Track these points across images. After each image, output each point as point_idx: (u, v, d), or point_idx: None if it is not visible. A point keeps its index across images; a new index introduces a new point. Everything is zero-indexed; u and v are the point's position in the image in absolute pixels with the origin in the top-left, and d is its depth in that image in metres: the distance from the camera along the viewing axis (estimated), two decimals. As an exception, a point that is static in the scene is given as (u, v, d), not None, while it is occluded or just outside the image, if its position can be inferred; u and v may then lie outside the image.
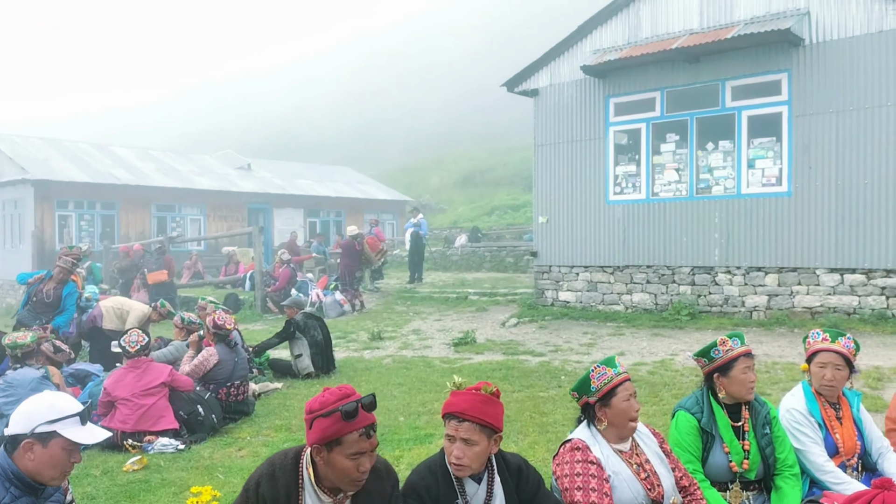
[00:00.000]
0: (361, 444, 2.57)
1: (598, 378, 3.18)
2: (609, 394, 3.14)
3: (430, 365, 9.31)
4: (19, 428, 2.53)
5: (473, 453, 2.81)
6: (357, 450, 2.57)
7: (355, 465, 2.57)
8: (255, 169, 31.50)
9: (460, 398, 2.89)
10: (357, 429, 2.56)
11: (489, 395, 2.89)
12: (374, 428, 2.64)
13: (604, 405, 3.16)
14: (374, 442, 2.62)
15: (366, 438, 2.59)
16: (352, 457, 2.56)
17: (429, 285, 18.10)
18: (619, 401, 3.13)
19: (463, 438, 2.81)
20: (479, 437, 2.81)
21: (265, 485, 2.70)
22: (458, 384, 2.97)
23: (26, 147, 25.71)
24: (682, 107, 11.93)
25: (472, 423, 2.81)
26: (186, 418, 6.48)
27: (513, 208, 33.82)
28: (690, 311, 11.55)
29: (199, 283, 18.91)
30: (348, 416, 2.54)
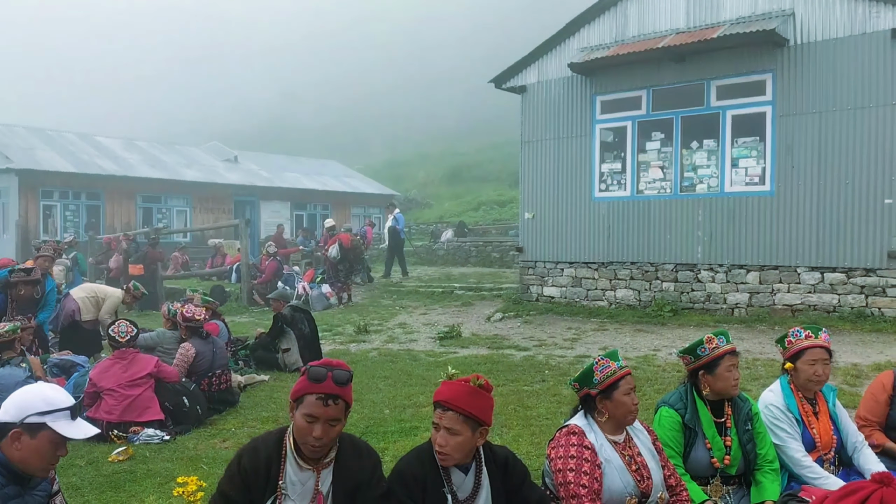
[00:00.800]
0: (316, 408, 2.72)
1: (602, 371, 3.24)
2: (611, 387, 3.21)
3: (415, 358, 9.37)
4: (9, 417, 2.55)
5: (456, 443, 2.85)
6: (311, 412, 2.72)
7: (309, 428, 2.72)
8: (241, 161, 31.41)
9: (448, 387, 2.94)
10: (317, 392, 2.72)
11: (477, 388, 2.93)
12: (336, 400, 2.74)
13: (605, 397, 3.22)
14: (328, 412, 2.72)
15: (322, 405, 2.72)
16: (306, 417, 2.73)
17: (415, 279, 18.16)
18: (621, 394, 3.20)
19: (446, 427, 2.86)
20: (463, 428, 2.85)
21: (247, 457, 2.84)
22: (451, 375, 3.02)
23: (10, 136, 25.49)
24: (667, 105, 12.03)
25: (456, 413, 2.85)
26: (172, 409, 6.50)
27: (499, 204, 33.92)
28: (673, 307, 11.68)
29: (185, 275, 18.85)
30: (313, 378, 2.75)
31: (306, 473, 2.84)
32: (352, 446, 2.97)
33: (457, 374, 3.02)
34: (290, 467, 2.84)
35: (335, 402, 2.75)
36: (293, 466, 2.84)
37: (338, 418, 2.78)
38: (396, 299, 15.43)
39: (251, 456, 2.84)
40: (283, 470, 2.83)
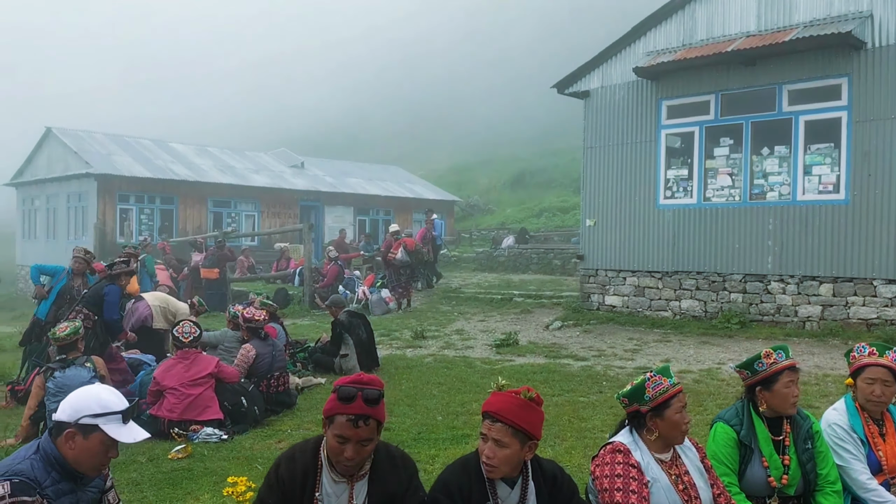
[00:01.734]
0: (346, 429, 2.68)
1: (654, 388, 3.11)
2: (663, 404, 3.08)
3: (470, 365, 9.32)
4: (65, 416, 2.63)
5: (504, 455, 2.78)
6: (341, 433, 2.68)
7: (340, 449, 2.69)
8: (308, 167, 31.98)
9: (499, 398, 2.87)
10: (346, 413, 2.68)
11: (528, 401, 2.85)
12: (367, 420, 2.69)
13: (656, 415, 3.09)
14: (359, 433, 2.68)
15: (352, 426, 2.67)
16: (337, 438, 2.69)
17: (474, 286, 18.11)
18: (672, 412, 3.07)
19: (494, 439, 2.79)
20: (511, 441, 2.78)
21: (284, 466, 2.84)
22: (501, 385, 2.96)
23: (90, 142, 26.61)
24: (737, 110, 11.69)
25: (505, 425, 2.78)
26: (230, 409, 6.64)
27: (562, 210, 33.55)
28: (741, 319, 11.30)
29: (251, 278, 19.30)
30: (342, 398, 2.70)
31: (341, 486, 2.83)
32: (387, 457, 2.93)
33: (507, 384, 2.95)
34: (325, 479, 2.83)
35: (366, 422, 2.70)
36: (328, 479, 2.83)
37: (369, 438, 2.74)
38: (455, 305, 15.42)
39: (288, 465, 2.84)
40: (320, 481, 2.82)
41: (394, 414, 6.95)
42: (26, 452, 2.63)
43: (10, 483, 2.48)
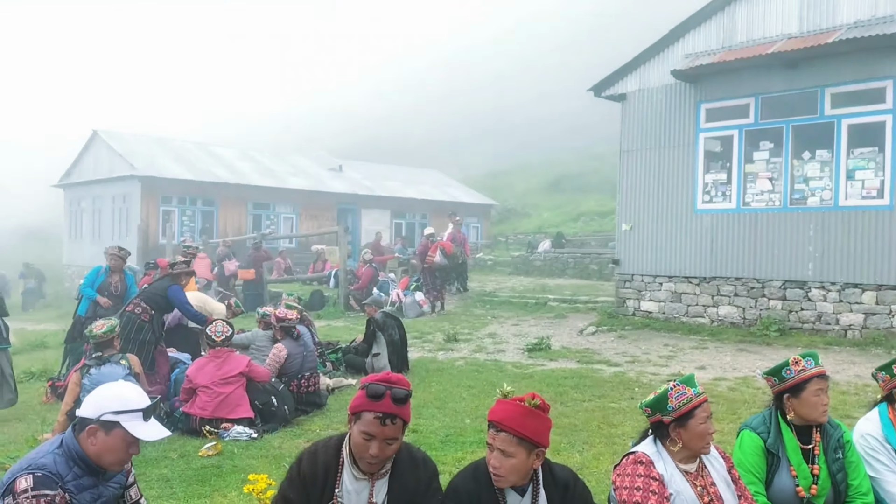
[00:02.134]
0: (373, 426, 2.70)
1: (677, 398, 3.02)
2: (687, 415, 2.99)
3: (501, 369, 9.29)
4: (88, 412, 2.68)
5: (510, 465, 2.73)
6: (368, 430, 2.70)
7: (366, 446, 2.71)
8: (345, 170, 32.26)
9: (502, 407, 2.81)
10: (375, 411, 2.70)
11: (533, 408, 2.78)
12: (394, 419, 2.71)
13: (679, 426, 3.01)
14: (386, 431, 2.69)
15: (379, 424, 2.69)
16: (363, 435, 2.71)
17: (509, 290, 18.05)
18: (697, 423, 2.99)
19: (500, 449, 2.74)
20: (517, 450, 2.72)
21: (306, 461, 2.86)
22: (506, 392, 2.89)
23: (135, 145, 27.23)
24: (777, 114, 11.46)
25: (510, 435, 2.72)
26: (261, 408, 6.73)
27: (600, 215, 33.25)
28: (780, 327, 11.06)
29: (287, 280, 19.52)
30: (371, 395, 2.72)
31: (361, 483, 2.84)
32: (409, 457, 2.94)
33: (512, 391, 2.89)
34: (346, 476, 2.85)
35: (393, 421, 2.72)
36: (349, 475, 2.84)
37: (395, 437, 2.75)
38: (489, 309, 15.38)
39: (310, 461, 2.86)
40: (340, 478, 2.84)
41: (422, 416, 6.96)
42: (49, 447, 2.69)
43: (32, 476, 2.54)
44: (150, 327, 7.76)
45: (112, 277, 9.20)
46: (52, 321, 19.10)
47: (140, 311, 7.75)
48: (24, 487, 2.51)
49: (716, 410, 6.97)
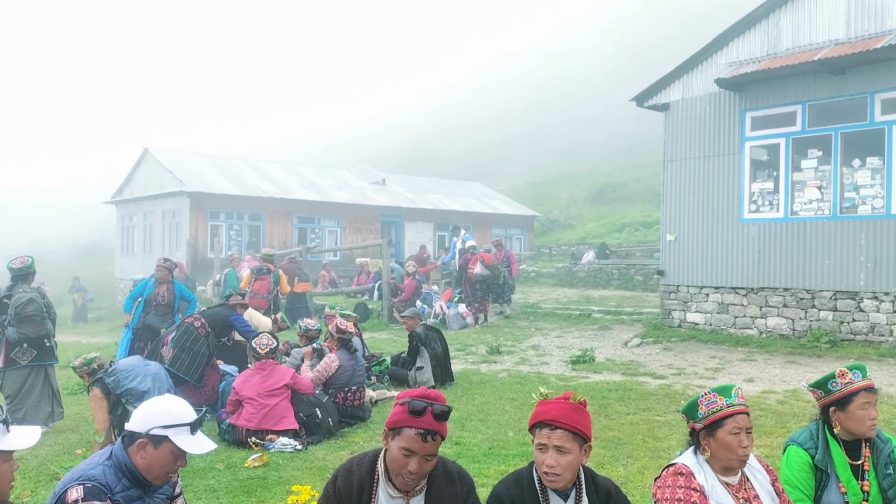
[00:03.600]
0: (415, 443, 2.71)
1: (707, 405, 3.02)
2: (715, 424, 2.98)
3: (545, 381, 9.23)
4: (137, 427, 2.76)
5: (567, 461, 2.77)
6: (409, 446, 2.71)
7: (405, 462, 2.72)
8: (388, 183, 32.54)
9: (551, 406, 2.87)
10: (416, 427, 2.72)
11: (578, 404, 2.87)
12: (434, 436, 2.73)
13: (709, 434, 3.00)
14: (426, 448, 2.71)
15: (420, 440, 2.71)
16: (403, 451, 2.72)
17: (552, 301, 17.95)
18: (725, 433, 2.96)
19: (556, 446, 2.77)
20: (572, 446, 2.78)
21: (341, 479, 2.89)
22: (546, 394, 2.96)
23: (184, 161, 27.93)
24: (825, 121, 11.22)
25: (565, 431, 2.77)
26: (305, 420, 6.81)
27: (644, 225, 32.86)
28: (831, 338, 10.78)
29: (332, 292, 19.74)
30: (414, 413, 2.74)
31: (397, 501, 2.85)
32: (444, 472, 2.94)
33: (551, 393, 2.97)
34: (381, 493, 2.86)
35: (433, 437, 2.74)
36: (384, 493, 2.86)
37: (433, 454, 2.78)
38: (532, 321, 15.31)
39: (345, 478, 2.89)
40: (375, 495, 2.86)
41: (465, 428, 6.97)
42: (99, 459, 2.78)
43: (83, 487, 2.62)
44: (205, 341, 7.93)
45: (159, 288, 9.46)
46: (104, 334, 19.63)
47: (199, 326, 7.96)
48: (75, 498, 2.60)
49: (764, 424, 6.84)
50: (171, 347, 7.83)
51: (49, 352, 7.69)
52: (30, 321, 7.35)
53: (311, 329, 8.42)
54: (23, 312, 7.32)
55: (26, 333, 7.38)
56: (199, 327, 7.95)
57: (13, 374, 7.48)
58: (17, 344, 7.42)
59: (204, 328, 7.97)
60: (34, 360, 7.51)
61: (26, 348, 7.44)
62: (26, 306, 7.33)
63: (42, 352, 7.57)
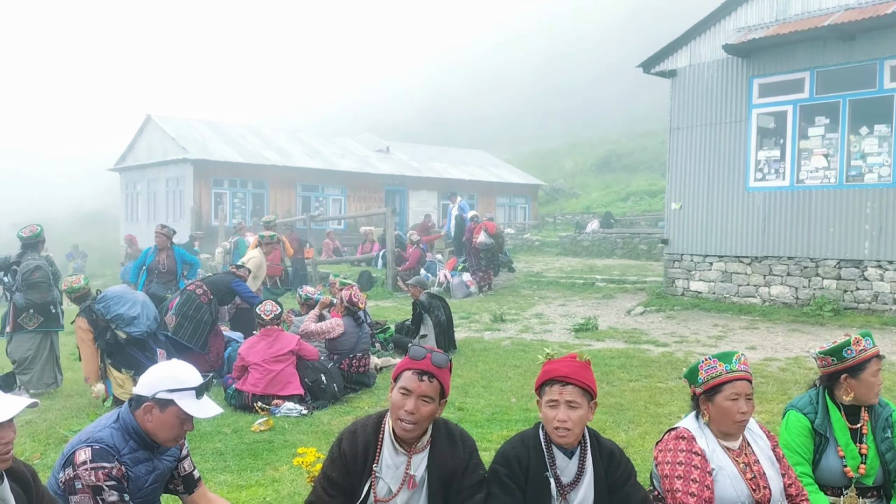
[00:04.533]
0: (411, 382, 2.85)
1: (707, 370, 3.07)
2: (714, 389, 3.03)
3: (548, 349, 9.28)
4: (143, 391, 2.80)
5: (578, 416, 2.86)
6: (406, 385, 2.85)
7: (402, 401, 2.84)
8: (393, 152, 32.40)
9: (561, 364, 2.96)
10: (414, 368, 2.86)
11: (585, 362, 2.99)
12: (431, 378, 2.86)
13: (708, 399, 3.06)
14: (422, 387, 2.83)
15: (417, 379, 2.84)
16: (402, 391, 2.86)
17: (556, 270, 17.98)
18: (723, 398, 3.00)
19: (567, 401, 2.85)
20: (582, 401, 2.87)
21: (346, 441, 2.96)
22: (552, 354, 3.07)
23: (187, 129, 27.82)
24: (833, 88, 11.10)
25: (576, 387, 2.86)
26: (311, 386, 6.88)
27: (650, 194, 32.77)
28: (834, 307, 10.80)
29: (336, 261, 19.79)
30: (413, 356, 2.92)
31: (401, 457, 2.92)
32: (446, 433, 3.00)
33: (556, 353, 3.07)
34: (386, 451, 2.93)
35: (430, 379, 2.85)
36: (389, 450, 2.93)
37: (431, 396, 2.85)
38: (536, 290, 15.35)
39: (350, 440, 2.96)
40: (380, 453, 2.93)
41: (469, 395, 7.04)
42: (107, 421, 2.82)
43: (91, 449, 2.67)
44: (208, 309, 7.98)
45: (159, 255, 9.49)
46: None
47: (201, 293, 7.98)
48: (84, 459, 2.64)
49: (766, 391, 6.89)
50: (174, 315, 7.88)
51: (55, 318, 7.81)
52: (37, 288, 7.53)
53: (311, 297, 8.46)
54: (30, 279, 7.50)
55: (33, 299, 7.56)
56: (201, 294, 7.98)
57: (19, 338, 7.64)
58: (24, 310, 7.58)
59: (206, 295, 8.01)
60: (40, 325, 7.66)
61: (33, 314, 7.60)
62: (33, 273, 7.50)
63: (48, 318, 7.72)
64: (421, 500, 2.93)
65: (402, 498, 2.91)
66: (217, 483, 4.68)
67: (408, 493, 2.91)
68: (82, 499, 2.62)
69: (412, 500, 2.93)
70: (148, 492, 2.85)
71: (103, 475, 2.62)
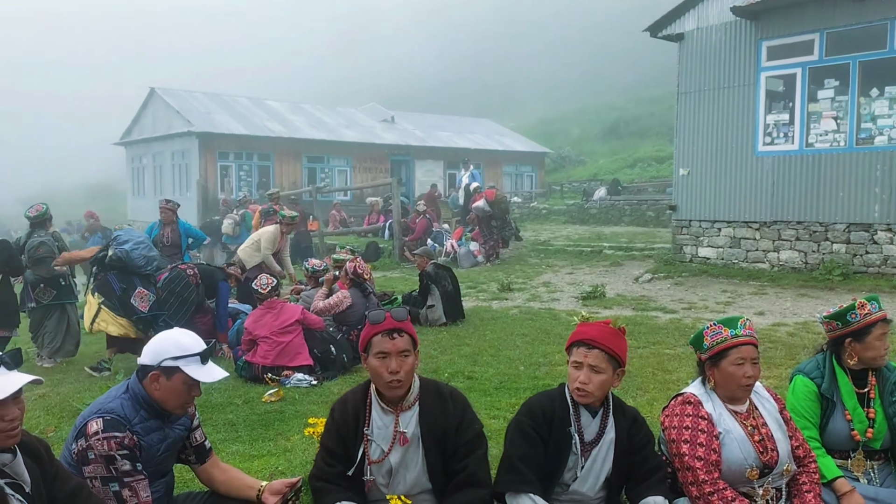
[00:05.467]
0: (384, 343, 2.90)
1: (712, 336, 3.08)
2: (719, 355, 3.04)
3: (555, 317, 9.31)
4: (148, 360, 2.81)
5: (600, 380, 2.91)
6: (381, 348, 2.89)
7: (384, 364, 2.89)
8: (398, 121, 32.21)
9: (591, 327, 3.02)
10: (381, 331, 2.91)
11: (617, 329, 3.03)
12: (400, 333, 2.92)
13: (713, 365, 3.07)
14: (397, 344, 2.89)
15: (388, 339, 2.90)
16: (379, 355, 2.90)
17: (563, 238, 17.95)
18: (728, 363, 3.01)
19: (591, 365, 2.91)
20: (606, 367, 2.92)
21: (338, 410, 3.05)
22: (587, 317, 3.14)
23: (191, 101, 27.68)
24: (843, 49, 10.93)
25: (601, 351, 2.91)
26: (320, 356, 6.93)
27: (657, 160, 32.56)
28: (844, 271, 10.76)
29: (343, 232, 19.80)
30: (373, 321, 2.97)
31: (389, 417, 2.99)
32: (436, 391, 3.07)
33: (591, 317, 3.13)
34: (375, 413, 3.00)
35: (399, 334, 2.92)
36: (378, 412, 3.00)
37: (407, 350, 2.93)
38: (543, 258, 15.34)
39: (341, 409, 3.05)
40: (369, 417, 2.99)
41: (477, 363, 7.07)
42: (117, 392, 2.84)
43: (102, 420, 2.69)
44: (195, 290, 7.99)
45: (164, 230, 9.52)
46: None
47: (191, 274, 7.98)
48: (95, 430, 2.67)
49: (774, 356, 6.89)
50: (160, 288, 7.87)
51: (68, 290, 8.07)
52: (42, 262, 7.74)
53: (318, 269, 8.48)
54: (35, 255, 7.71)
55: (41, 274, 7.79)
56: (191, 276, 7.95)
57: (34, 312, 7.95)
58: (35, 285, 7.82)
59: (196, 278, 8.01)
60: (54, 298, 7.91)
61: (44, 288, 7.83)
62: (38, 249, 7.72)
63: (60, 291, 7.96)
64: (418, 458, 2.98)
65: (395, 457, 2.96)
66: (229, 453, 4.73)
67: (400, 450, 2.96)
68: (95, 468, 2.65)
69: (407, 458, 2.98)
70: (160, 460, 2.88)
71: (115, 444, 2.66)
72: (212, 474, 3.12)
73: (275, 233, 10.19)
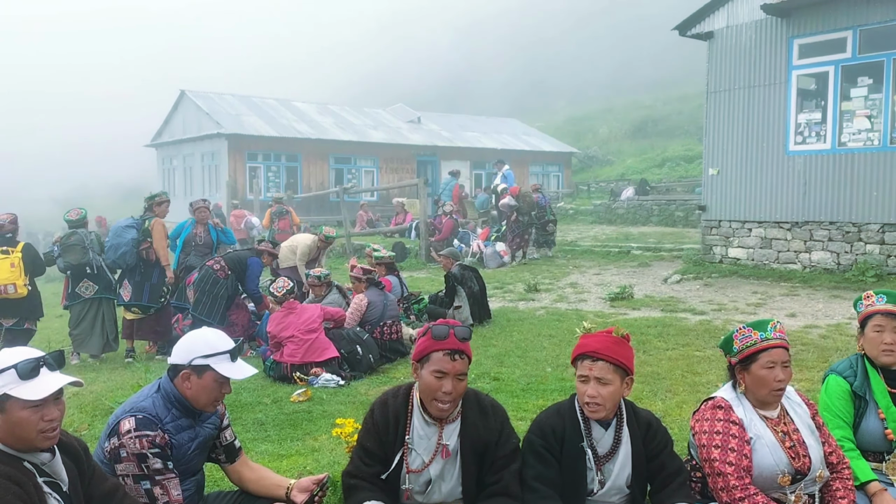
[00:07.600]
0: (444, 363, 2.83)
1: (741, 340, 3.03)
2: (749, 358, 2.99)
3: (583, 318, 9.24)
4: (179, 360, 2.86)
5: (608, 392, 2.86)
6: (440, 367, 2.83)
7: (438, 384, 2.83)
8: (424, 122, 32.25)
9: (593, 339, 2.96)
10: (443, 349, 2.84)
11: (620, 338, 2.96)
12: (461, 355, 2.86)
13: (743, 369, 3.02)
14: (456, 366, 2.83)
15: (449, 360, 2.83)
16: (436, 374, 2.83)
17: (591, 238, 17.85)
18: (759, 367, 2.96)
19: (597, 377, 2.86)
20: (613, 377, 2.87)
21: (378, 411, 3.01)
22: (589, 328, 3.06)
23: (220, 103, 28.00)
24: (877, 47, 10.73)
25: (606, 363, 2.86)
26: (346, 356, 6.97)
27: (686, 160, 32.22)
28: (878, 272, 10.56)
29: (370, 232, 19.89)
30: (437, 336, 2.88)
31: (432, 428, 2.96)
32: (477, 404, 3.03)
33: (594, 327, 3.05)
34: (416, 422, 2.97)
35: (461, 356, 2.87)
36: (420, 421, 2.97)
37: (464, 373, 2.88)
38: (570, 259, 15.26)
39: (381, 409, 3.01)
40: (410, 424, 2.97)
41: (504, 364, 7.06)
42: (149, 391, 2.90)
43: (134, 419, 2.74)
44: (224, 283, 8.14)
45: (197, 229, 9.64)
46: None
47: (218, 269, 8.15)
48: (128, 428, 2.72)
49: (806, 358, 6.79)
50: (192, 290, 8.11)
51: (108, 285, 8.43)
52: (72, 250, 8.12)
53: (327, 275, 8.53)
54: (66, 242, 8.15)
55: (69, 261, 8.15)
56: (219, 270, 8.14)
57: (74, 308, 8.34)
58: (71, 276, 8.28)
59: (223, 271, 8.14)
60: (95, 294, 8.30)
61: (87, 283, 8.25)
62: (70, 237, 8.17)
63: (102, 286, 8.36)
64: (455, 470, 2.97)
65: (435, 468, 2.95)
66: (258, 452, 4.77)
67: (441, 462, 2.95)
68: (127, 466, 2.70)
69: (446, 470, 2.96)
70: (191, 459, 2.92)
71: (147, 443, 2.70)
72: (242, 473, 3.15)
73: (311, 245, 10.32)
